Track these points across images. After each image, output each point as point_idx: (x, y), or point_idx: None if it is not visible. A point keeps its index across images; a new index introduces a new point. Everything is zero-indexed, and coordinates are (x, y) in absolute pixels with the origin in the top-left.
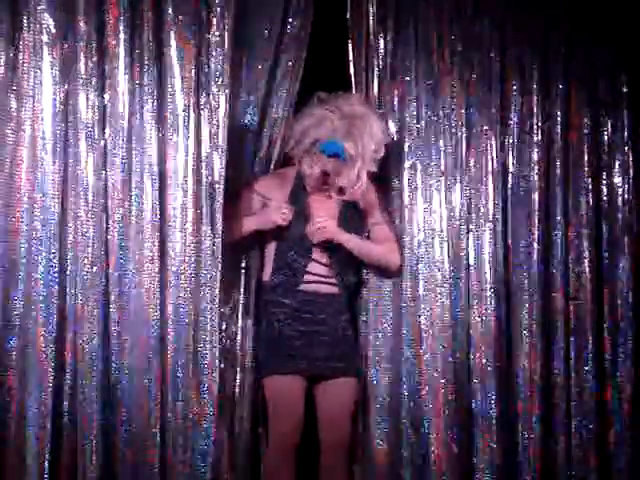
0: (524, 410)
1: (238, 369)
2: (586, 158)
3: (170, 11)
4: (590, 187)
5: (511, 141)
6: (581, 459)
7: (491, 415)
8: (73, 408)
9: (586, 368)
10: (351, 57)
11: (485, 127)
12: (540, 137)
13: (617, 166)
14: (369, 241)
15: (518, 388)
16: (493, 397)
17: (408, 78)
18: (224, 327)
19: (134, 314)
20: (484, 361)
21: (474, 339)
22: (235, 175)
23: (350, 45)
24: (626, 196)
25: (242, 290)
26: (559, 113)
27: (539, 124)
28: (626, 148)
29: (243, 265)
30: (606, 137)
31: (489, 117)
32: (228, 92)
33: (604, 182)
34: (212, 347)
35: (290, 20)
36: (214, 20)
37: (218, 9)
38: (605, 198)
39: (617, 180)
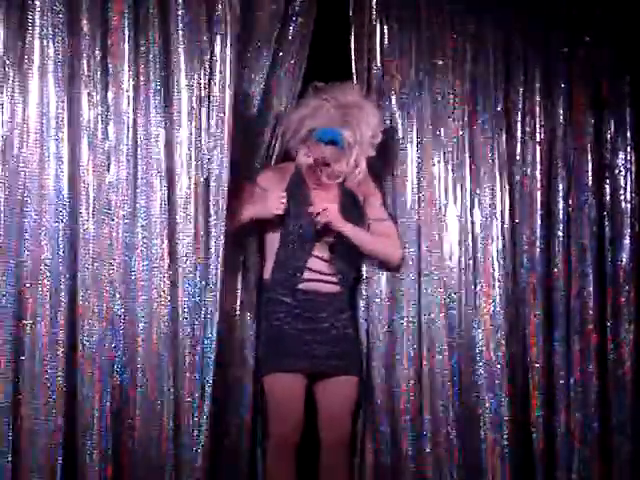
0: (527, 408)
1: (238, 367)
2: (589, 157)
3: (175, 8)
4: (593, 186)
5: (514, 140)
6: (583, 458)
7: (494, 414)
8: (81, 407)
9: (589, 368)
10: (353, 50)
11: (487, 126)
12: (543, 136)
13: (619, 165)
14: (370, 233)
15: (519, 387)
16: (495, 396)
17: (409, 75)
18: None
19: (143, 311)
20: (486, 360)
21: (476, 338)
22: (237, 170)
23: (352, 38)
24: (628, 195)
25: (241, 287)
26: (562, 112)
27: (542, 123)
28: (629, 147)
29: (242, 262)
30: (609, 136)
31: (492, 116)
32: (232, 88)
33: (607, 181)
34: (211, 345)
35: (294, 18)
36: (219, 17)
37: (222, 6)
38: (607, 197)
39: (619, 179)
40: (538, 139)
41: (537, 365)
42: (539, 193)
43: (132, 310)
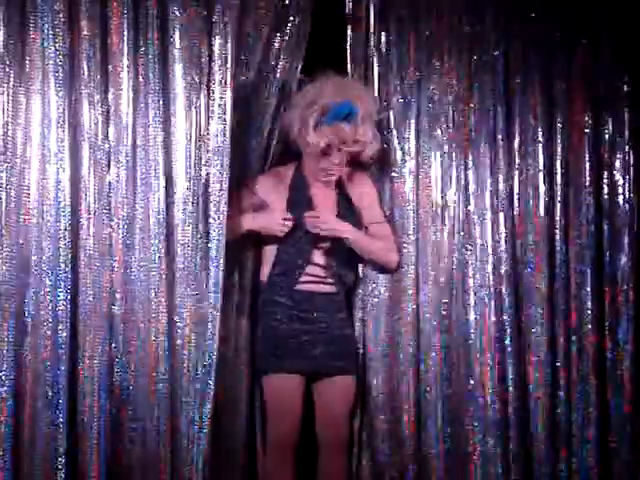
0: (525, 409)
1: (236, 368)
2: (587, 157)
3: (174, 9)
4: (591, 186)
5: (512, 140)
6: (582, 458)
7: (492, 414)
8: (81, 407)
9: (587, 367)
10: (349, 50)
11: (485, 126)
12: (541, 136)
13: (618, 165)
14: (368, 236)
15: (518, 387)
16: (493, 397)
17: (406, 75)
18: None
19: (142, 311)
20: (484, 360)
21: (474, 338)
22: (236, 171)
23: (349, 37)
24: (627, 195)
25: (238, 289)
26: (560, 112)
27: (540, 123)
28: (627, 147)
29: (238, 263)
30: (607, 136)
31: (490, 116)
32: (232, 89)
33: (605, 181)
34: (211, 346)
35: (290, 18)
36: (217, 18)
37: (221, 8)
38: (606, 197)
39: (618, 179)
40: (536, 138)
41: (536, 364)
42: (538, 193)
43: (131, 311)
